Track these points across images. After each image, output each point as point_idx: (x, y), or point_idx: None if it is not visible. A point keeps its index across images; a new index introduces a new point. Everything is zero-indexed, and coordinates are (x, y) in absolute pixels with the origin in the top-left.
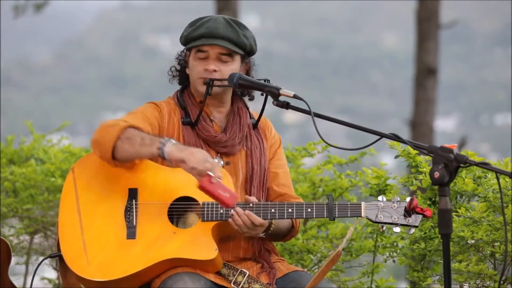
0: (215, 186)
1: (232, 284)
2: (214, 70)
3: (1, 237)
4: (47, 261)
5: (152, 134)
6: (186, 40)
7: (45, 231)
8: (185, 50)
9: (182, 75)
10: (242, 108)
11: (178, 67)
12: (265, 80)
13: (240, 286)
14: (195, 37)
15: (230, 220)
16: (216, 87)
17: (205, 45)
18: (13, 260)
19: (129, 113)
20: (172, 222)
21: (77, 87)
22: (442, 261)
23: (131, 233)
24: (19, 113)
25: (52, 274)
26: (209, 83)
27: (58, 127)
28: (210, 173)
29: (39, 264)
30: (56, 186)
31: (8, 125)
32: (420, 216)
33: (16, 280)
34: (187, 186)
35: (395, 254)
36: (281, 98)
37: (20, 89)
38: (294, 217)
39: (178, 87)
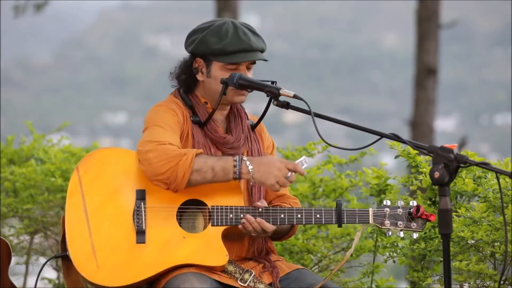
0: None
1: (239, 282)
2: None
3: (1, 237)
4: None
5: (218, 158)
6: (218, 53)
7: (45, 231)
8: (190, 56)
9: (190, 81)
10: (241, 110)
11: (183, 76)
12: (272, 82)
13: (247, 284)
14: (231, 52)
15: (240, 226)
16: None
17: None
18: (13, 260)
19: (155, 127)
20: (180, 224)
21: (77, 87)
22: (442, 261)
23: (141, 238)
24: (19, 113)
25: (52, 274)
26: (226, 83)
27: (58, 127)
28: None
29: (44, 263)
30: (56, 186)
31: (8, 125)
32: (425, 221)
33: (16, 280)
34: (196, 188)
35: (395, 254)
36: (281, 98)
37: (20, 89)
38: (304, 222)
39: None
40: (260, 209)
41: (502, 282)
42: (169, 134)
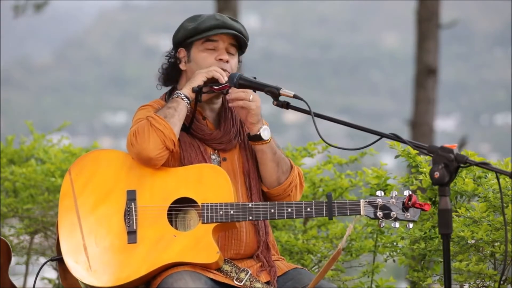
0: None
1: (234, 281)
2: (227, 61)
3: (1, 237)
4: None
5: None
6: (193, 32)
7: (45, 231)
8: (173, 48)
9: (172, 73)
10: None
11: (166, 65)
12: (253, 78)
13: (243, 282)
14: (206, 28)
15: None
16: (205, 94)
17: (218, 34)
18: (13, 260)
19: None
20: (171, 223)
21: (77, 87)
22: (442, 261)
23: (132, 238)
24: (19, 113)
25: (52, 274)
26: (198, 91)
27: (58, 127)
28: None
29: (41, 267)
30: (56, 186)
31: (8, 125)
32: (419, 210)
33: (16, 280)
34: (186, 186)
35: (395, 254)
36: (281, 98)
37: (20, 89)
38: (294, 216)
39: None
40: (250, 204)
41: (502, 282)
42: None
